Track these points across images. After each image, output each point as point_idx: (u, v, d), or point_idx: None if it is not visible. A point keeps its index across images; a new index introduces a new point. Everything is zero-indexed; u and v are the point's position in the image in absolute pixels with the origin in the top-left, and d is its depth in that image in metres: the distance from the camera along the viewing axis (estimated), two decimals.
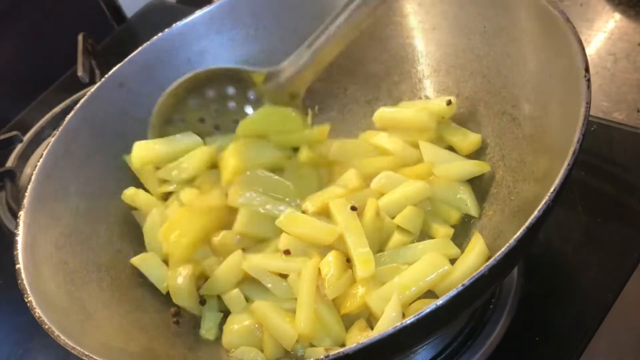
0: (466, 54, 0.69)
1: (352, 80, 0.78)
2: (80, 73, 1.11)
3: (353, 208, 0.62)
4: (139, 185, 0.73)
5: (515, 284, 0.66)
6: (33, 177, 0.65)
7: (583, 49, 0.53)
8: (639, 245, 0.65)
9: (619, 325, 0.61)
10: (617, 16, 0.88)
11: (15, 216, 0.62)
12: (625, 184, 0.71)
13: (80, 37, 1.18)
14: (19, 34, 1.20)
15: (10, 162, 1.04)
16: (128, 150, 0.73)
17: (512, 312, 0.64)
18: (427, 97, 0.75)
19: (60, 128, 0.70)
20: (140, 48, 0.76)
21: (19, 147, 1.07)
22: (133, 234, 0.71)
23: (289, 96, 0.69)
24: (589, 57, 0.52)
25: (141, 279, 0.68)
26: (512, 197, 0.62)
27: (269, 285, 0.62)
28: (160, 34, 0.77)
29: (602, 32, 0.87)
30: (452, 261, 0.59)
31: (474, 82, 0.69)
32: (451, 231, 0.64)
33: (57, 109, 1.10)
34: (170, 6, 1.31)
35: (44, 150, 0.68)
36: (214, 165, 0.72)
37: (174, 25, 0.78)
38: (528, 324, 0.63)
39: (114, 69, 0.75)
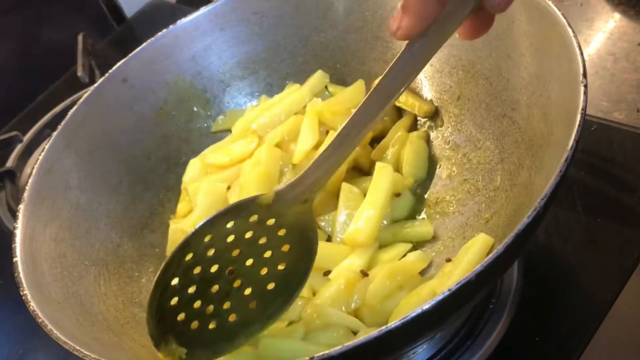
0: (468, 56, 0.69)
1: (355, 79, 0.78)
2: (80, 73, 1.11)
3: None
4: (140, 180, 0.74)
5: (515, 284, 0.66)
6: (34, 171, 0.65)
7: (582, 54, 0.53)
8: (639, 245, 0.65)
9: (619, 325, 0.61)
10: (617, 16, 0.89)
11: (15, 216, 0.62)
12: (625, 184, 0.71)
13: (80, 37, 1.19)
14: (19, 34, 1.20)
15: (10, 162, 1.04)
16: (130, 145, 0.73)
17: (512, 312, 0.64)
18: (428, 98, 0.75)
19: (63, 122, 0.70)
20: (144, 44, 0.76)
21: (19, 147, 1.07)
22: (133, 229, 0.72)
23: (301, 203, 0.57)
24: (588, 57, 0.53)
25: (139, 274, 0.69)
26: (509, 200, 0.62)
27: None
28: (164, 30, 0.77)
29: (602, 32, 0.87)
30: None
31: (476, 84, 0.69)
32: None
33: (57, 109, 1.10)
34: (170, 6, 1.32)
35: (46, 144, 0.68)
36: None
37: (178, 21, 0.78)
38: (528, 324, 0.63)
39: (119, 64, 0.75)
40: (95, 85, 0.74)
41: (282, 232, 0.57)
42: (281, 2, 0.78)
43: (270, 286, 0.56)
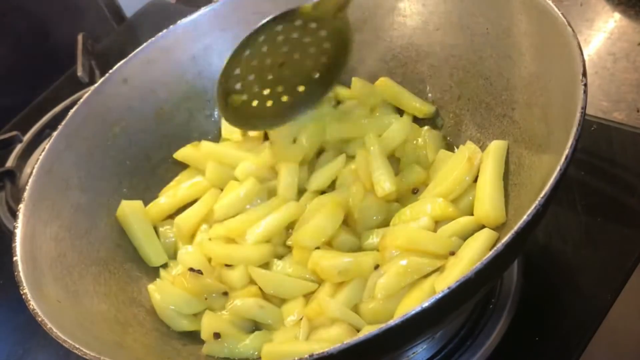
0: (469, 56, 0.69)
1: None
2: (80, 73, 1.11)
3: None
4: (140, 180, 0.74)
5: (515, 284, 0.66)
6: (35, 170, 0.66)
7: (582, 54, 0.53)
8: (639, 245, 0.65)
9: (619, 325, 0.61)
10: (617, 16, 0.89)
11: (15, 216, 0.62)
12: (625, 184, 0.71)
13: (80, 37, 1.19)
14: (19, 34, 1.20)
15: (10, 162, 1.04)
16: (130, 145, 0.73)
17: (512, 312, 0.64)
18: (428, 98, 0.75)
19: (64, 122, 0.70)
20: (144, 44, 0.77)
21: (18, 147, 1.07)
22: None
23: (336, 9, 0.68)
24: (588, 57, 0.53)
25: (139, 274, 0.69)
26: (509, 200, 0.62)
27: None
28: (165, 31, 0.77)
29: (601, 32, 0.87)
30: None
31: (476, 83, 0.69)
32: None
33: (57, 109, 1.10)
34: (170, 6, 1.32)
35: (46, 144, 0.68)
36: None
37: (178, 22, 0.78)
38: (528, 324, 0.63)
39: (119, 64, 0.75)
40: (95, 85, 0.74)
41: (323, 33, 0.69)
42: (281, 3, 0.78)
43: (315, 75, 0.72)
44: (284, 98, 0.72)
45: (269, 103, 0.71)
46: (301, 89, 0.72)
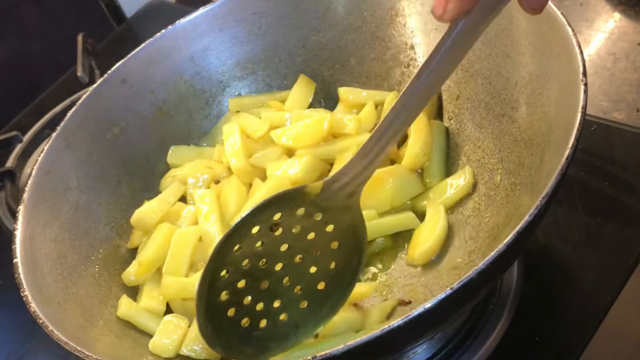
0: (468, 55, 0.68)
1: (354, 79, 0.79)
2: (79, 73, 1.11)
3: None
4: (139, 180, 0.74)
5: (515, 284, 0.66)
6: (34, 172, 0.66)
7: (581, 53, 0.53)
8: (639, 245, 0.65)
9: (619, 325, 0.61)
10: (617, 16, 0.89)
11: (15, 217, 0.62)
12: (625, 184, 0.71)
13: (80, 37, 1.19)
14: (19, 34, 1.20)
15: (10, 162, 1.05)
16: (129, 146, 0.73)
17: (512, 312, 0.64)
18: None
19: (62, 123, 0.70)
20: (143, 44, 0.77)
21: (18, 147, 1.07)
22: (132, 230, 0.72)
23: (347, 196, 0.54)
24: (588, 57, 0.52)
25: None
26: (509, 199, 0.62)
27: None
28: (163, 31, 0.77)
29: (602, 32, 0.87)
30: None
31: (475, 83, 0.69)
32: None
33: (57, 109, 1.10)
34: (170, 6, 1.32)
35: (46, 145, 0.68)
36: None
37: (177, 22, 0.78)
38: (528, 324, 0.63)
39: (117, 64, 0.75)
40: (94, 86, 0.74)
41: (330, 228, 0.55)
42: (280, 3, 0.78)
43: (321, 286, 0.55)
44: (282, 316, 0.54)
45: (262, 323, 0.54)
46: (303, 304, 0.54)
